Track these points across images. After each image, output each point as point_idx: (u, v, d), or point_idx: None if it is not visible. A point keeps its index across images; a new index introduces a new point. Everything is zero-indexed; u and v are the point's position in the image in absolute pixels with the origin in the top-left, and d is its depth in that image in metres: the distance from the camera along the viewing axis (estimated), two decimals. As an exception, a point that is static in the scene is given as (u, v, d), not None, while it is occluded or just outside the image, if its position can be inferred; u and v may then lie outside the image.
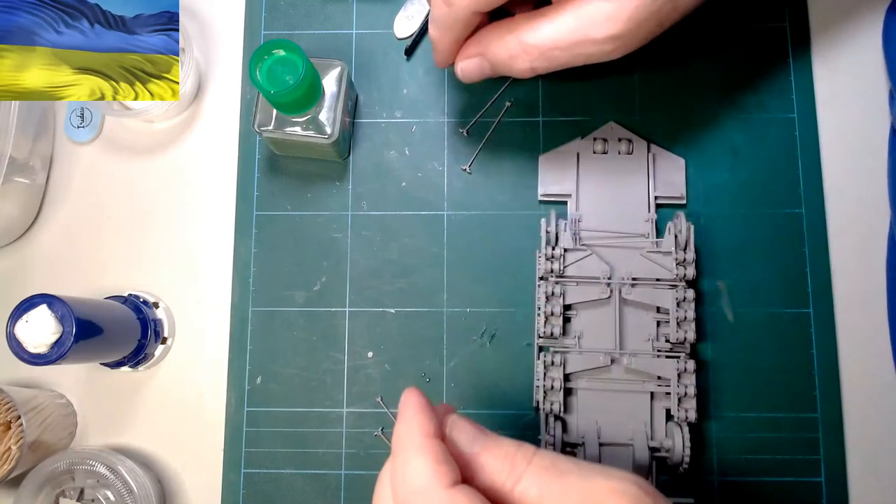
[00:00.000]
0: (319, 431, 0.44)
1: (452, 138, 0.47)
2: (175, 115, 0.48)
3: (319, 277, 0.46)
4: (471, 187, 0.46)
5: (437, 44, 0.40)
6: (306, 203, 0.47)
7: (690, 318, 0.41)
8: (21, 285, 0.47)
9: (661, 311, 0.42)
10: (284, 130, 0.43)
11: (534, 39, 0.36)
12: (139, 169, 0.48)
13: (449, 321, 0.45)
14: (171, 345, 0.46)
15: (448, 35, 0.39)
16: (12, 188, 0.45)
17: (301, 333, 0.45)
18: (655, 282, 0.42)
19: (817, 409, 0.43)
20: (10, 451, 0.41)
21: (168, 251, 0.47)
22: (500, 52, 0.37)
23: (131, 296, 0.45)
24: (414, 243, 0.46)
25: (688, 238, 0.42)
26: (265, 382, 0.45)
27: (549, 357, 0.41)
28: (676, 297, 0.41)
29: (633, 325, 0.42)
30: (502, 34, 0.37)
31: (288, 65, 0.40)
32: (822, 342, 0.43)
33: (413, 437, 0.26)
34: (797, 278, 0.44)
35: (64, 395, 0.46)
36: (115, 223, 0.47)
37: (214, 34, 0.49)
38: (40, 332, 0.37)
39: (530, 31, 0.36)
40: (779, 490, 0.42)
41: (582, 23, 0.35)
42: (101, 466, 0.41)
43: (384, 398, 0.44)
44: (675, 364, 0.41)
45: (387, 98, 0.48)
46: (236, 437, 0.44)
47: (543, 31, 0.36)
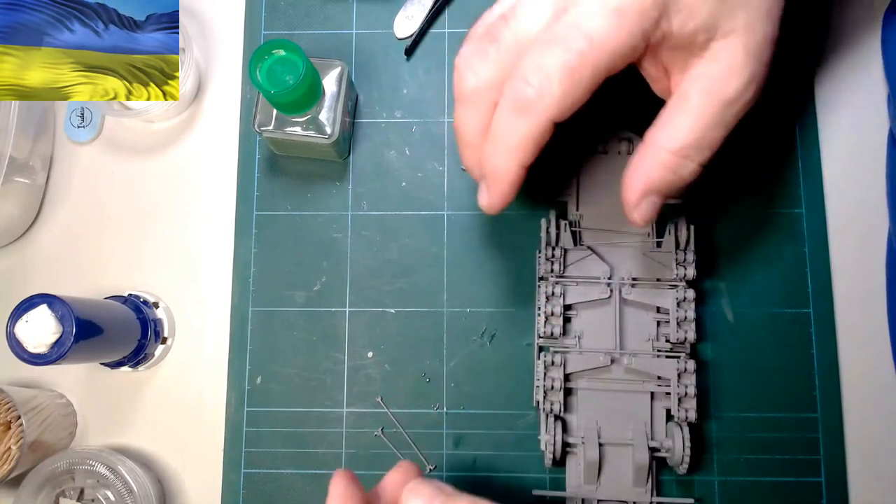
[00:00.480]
0: (319, 431, 0.44)
1: (452, 138, 0.47)
2: (175, 115, 0.48)
3: (319, 277, 0.46)
4: (471, 187, 0.46)
5: (497, 176, 0.33)
6: (306, 203, 0.47)
7: (690, 318, 0.41)
8: (21, 285, 0.47)
9: (662, 311, 0.42)
10: (284, 130, 0.43)
11: (680, 140, 0.32)
12: (139, 169, 0.48)
13: (449, 321, 0.45)
14: (171, 345, 0.46)
15: (516, 159, 0.32)
16: (12, 188, 0.45)
17: (301, 333, 0.45)
18: (656, 282, 0.42)
19: (817, 409, 0.43)
20: (10, 451, 0.41)
21: (168, 251, 0.47)
22: (658, 174, 0.33)
23: (131, 296, 0.45)
24: (414, 243, 0.46)
25: (688, 238, 0.42)
26: (265, 382, 0.45)
27: (549, 357, 0.41)
28: (676, 297, 0.41)
29: (633, 325, 0.42)
30: (644, 160, 0.33)
31: (288, 65, 0.40)
32: (822, 342, 0.43)
33: None
34: (797, 278, 0.44)
35: (64, 395, 0.46)
36: (115, 223, 0.47)
37: (214, 34, 0.49)
38: (40, 332, 0.37)
39: (670, 137, 0.32)
40: (779, 490, 0.42)
41: (711, 93, 0.32)
42: (101, 466, 0.41)
43: (384, 398, 0.44)
44: (676, 364, 0.41)
45: (387, 98, 0.48)
46: (236, 437, 0.44)
47: (682, 125, 0.32)
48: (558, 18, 0.31)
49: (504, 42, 0.32)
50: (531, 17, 0.32)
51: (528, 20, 0.32)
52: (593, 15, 0.30)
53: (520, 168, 0.33)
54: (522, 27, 0.32)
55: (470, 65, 0.32)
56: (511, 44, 0.32)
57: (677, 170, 0.33)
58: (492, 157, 0.33)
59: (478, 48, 0.32)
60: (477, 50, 0.32)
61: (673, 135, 0.32)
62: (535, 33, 0.31)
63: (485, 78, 0.32)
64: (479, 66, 0.32)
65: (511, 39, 0.32)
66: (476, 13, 0.47)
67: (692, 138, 0.32)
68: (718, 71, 0.32)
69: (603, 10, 0.30)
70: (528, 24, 0.32)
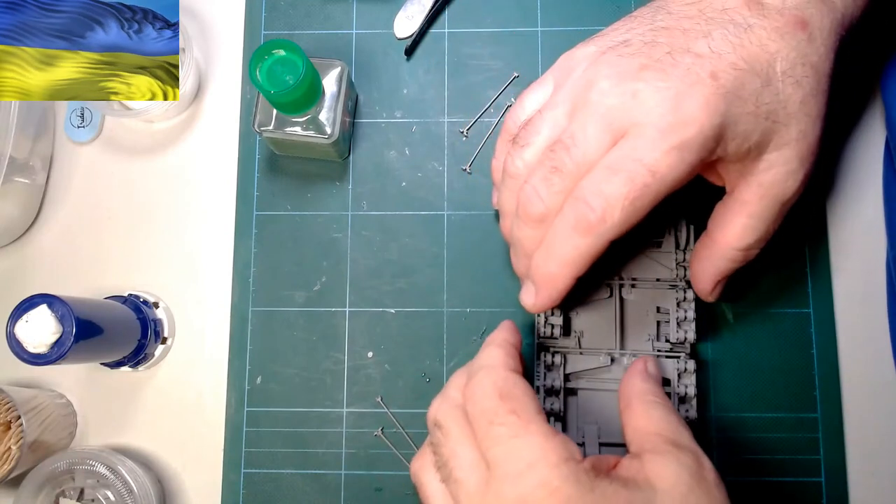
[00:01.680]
0: (319, 431, 0.44)
1: (452, 138, 0.47)
2: (175, 115, 0.48)
3: (319, 277, 0.46)
4: (471, 187, 0.46)
5: (549, 283, 0.35)
6: (306, 203, 0.47)
7: (691, 318, 0.41)
8: (21, 285, 0.47)
9: (662, 311, 0.42)
10: (284, 130, 0.43)
11: (747, 240, 0.36)
12: (139, 169, 0.48)
13: (449, 321, 0.45)
14: (171, 345, 0.46)
15: (570, 271, 0.35)
16: (12, 188, 0.45)
17: (301, 333, 0.45)
18: (656, 282, 0.42)
19: (817, 410, 0.43)
20: (10, 451, 0.41)
21: (168, 251, 0.47)
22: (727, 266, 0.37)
23: (131, 296, 0.45)
24: (414, 243, 0.46)
25: (688, 238, 0.42)
26: (265, 382, 0.45)
27: (549, 357, 0.41)
28: (677, 297, 0.41)
29: (633, 325, 0.42)
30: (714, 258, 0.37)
31: (288, 65, 0.40)
32: (822, 342, 0.43)
33: (496, 338, 0.35)
34: (797, 279, 0.44)
35: (64, 395, 0.46)
36: (115, 223, 0.47)
37: (214, 34, 0.49)
38: (40, 332, 0.37)
39: (737, 237, 0.36)
40: (779, 490, 0.42)
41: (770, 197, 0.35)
42: (101, 466, 0.41)
43: (384, 398, 0.44)
44: (676, 364, 0.41)
45: (387, 98, 0.48)
46: (236, 437, 0.44)
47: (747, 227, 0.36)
48: (616, 142, 0.33)
49: (567, 171, 0.34)
50: (591, 144, 0.33)
51: (588, 148, 0.33)
52: (656, 150, 0.32)
53: (571, 279, 0.35)
54: (582, 155, 0.33)
55: (537, 193, 0.34)
56: (574, 172, 0.34)
57: (743, 261, 0.37)
58: (545, 265, 0.35)
59: (543, 178, 0.34)
60: (543, 180, 0.34)
61: (739, 235, 0.36)
62: (595, 160, 0.33)
63: (551, 205, 0.34)
64: (545, 195, 0.34)
65: (573, 168, 0.34)
66: (476, 13, 0.48)
67: (756, 238, 0.36)
68: (775, 177, 0.34)
69: (666, 146, 0.32)
70: (588, 151, 0.33)
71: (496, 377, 0.32)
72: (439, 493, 0.32)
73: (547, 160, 0.34)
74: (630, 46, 0.34)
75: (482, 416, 0.31)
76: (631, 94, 0.33)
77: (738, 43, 0.33)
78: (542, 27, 0.48)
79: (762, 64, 0.33)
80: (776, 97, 0.33)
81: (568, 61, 0.37)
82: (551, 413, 0.40)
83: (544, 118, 0.36)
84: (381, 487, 0.44)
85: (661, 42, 0.34)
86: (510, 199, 0.37)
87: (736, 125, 0.33)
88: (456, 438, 0.31)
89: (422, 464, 0.33)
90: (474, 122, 0.47)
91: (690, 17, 0.34)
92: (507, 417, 0.30)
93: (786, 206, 0.36)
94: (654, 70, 0.33)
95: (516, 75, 0.47)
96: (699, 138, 0.32)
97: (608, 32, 0.36)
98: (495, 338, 0.35)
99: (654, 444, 0.32)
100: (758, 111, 0.33)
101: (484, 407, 0.31)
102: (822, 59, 0.34)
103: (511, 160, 0.36)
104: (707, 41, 0.33)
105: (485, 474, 0.30)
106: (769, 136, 0.34)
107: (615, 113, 0.33)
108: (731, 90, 0.32)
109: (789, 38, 0.33)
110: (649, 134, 0.32)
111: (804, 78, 0.33)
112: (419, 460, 0.34)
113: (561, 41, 0.47)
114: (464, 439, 0.31)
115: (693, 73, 0.32)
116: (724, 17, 0.34)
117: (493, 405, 0.31)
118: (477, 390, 0.32)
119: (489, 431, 0.30)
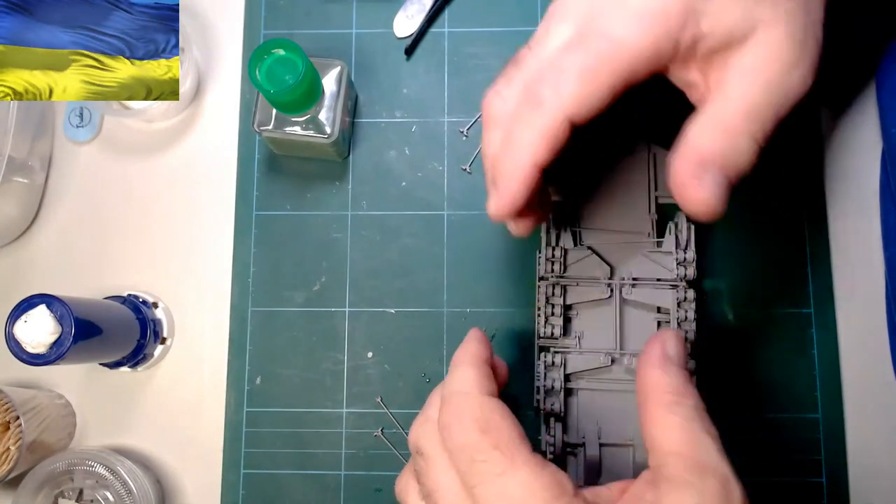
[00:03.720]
0: (319, 432, 0.44)
1: (452, 138, 0.47)
2: (174, 114, 0.48)
3: (319, 277, 0.46)
4: (471, 187, 0.46)
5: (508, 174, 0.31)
6: (306, 203, 0.47)
7: (691, 319, 0.41)
8: (20, 285, 0.47)
9: (662, 311, 0.42)
10: (284, 130, 0.43)
11: (729, 113, 0.30)
12: (138, 169, 0.48)
13: (449, 321, 0.45)
14: (170, 345, 0.46)
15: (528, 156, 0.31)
16: (11, 188, 0.45)
17: (301, 333, 0.45)
18: (656, 282, 0.42)
19: (818, 410, 0.43)
20: (9, 452, 0.41)
21: (168, 251, 0.47)
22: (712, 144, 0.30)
23: (130, 296, 0.45)
24: (414, 243, 0.46)
25: (688, 238, 0.42)
26: (265, 383, 0.45)
27: (549, 357, 0.41)
28: (677, 298, 0.41)
29: (633, 325, 0.42)
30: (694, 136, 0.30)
31: (288, 64, 0.40)
32: (823, 342, 0.43)
33: (466, 355, 0.32)
34: (797, 278, 0.44)
35: (63, 395, 0.46)
36: (115, 223, 0.47)
37: (214, 34, 0.49)
38: (39, 333, 0.37)
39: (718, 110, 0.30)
40: (779, 490, 0.42)
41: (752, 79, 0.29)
42: (100, 467, 0.41)
43: (384, 398, 0.44)
44: (676, 364, 0.40)
45: (387, 98, 0.47)
46: (236, 437, 0.44)
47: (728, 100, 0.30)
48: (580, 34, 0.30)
49: (527, 65, 0.31)
50: (553, 38, 0.31)
51: (550, 41, 0.31)
52: (615, 20, 0.30)
53: (532, 168, 0.31)
54: (545, 48, 0.31)
55: (496, 91, 0.32)
56: (534, 65, 0.31)
57: (734, 145, 0.30)
58: (504, 157, 0.32)
59: (503, 75, 0.32)
60: (503, 77, 0.32)
61: (721, 108, 0.30)
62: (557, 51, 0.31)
63: (510, 99, 0.32)
64: (504, 91, 0.32)
65: (534, 62, 0.31)
66: (476, 13, 0.48)
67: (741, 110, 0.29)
68: (758, 59, 0.29)
69: (625, 15, 0.29)
70: (550, 44, 0.31)
71: (472, 407, 0.30)
72: None
73: (511, 62, 0.32)
74: None
75: (462, 452, 0.29)
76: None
77: None
78: (542, 27, 0.47)
79: None
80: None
81: None
82: (551, 413, 0.40)
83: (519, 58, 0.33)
84: (381, 488, 0.44)
85: None
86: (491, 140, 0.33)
87: None
88: (440, 469, 0.29)
89: (406, 488, 0.32)
90: (474, 122, 0.47)
91: None
92: (490, 453, 0.28)
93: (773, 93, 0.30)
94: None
95: (516, 75, 0.47)
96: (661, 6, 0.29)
97: None
98: (464, 355, 0.32)
99: (673, 468, 0.27)
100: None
101: (464, 442, 0.29)
102: None
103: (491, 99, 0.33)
104: None
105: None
106: (751, 16, 0.29)
107: (579, 7, 0.31)
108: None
109: None
110: (609, 8, 0.30)
111: None
112: (403, 482, 0.32)
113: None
114: (448, 470, 0.29)
115: None
116: None
117: (474, 440, 0.28)
118: (454, 424, 0.29)
119: (472, 468, 0.28)
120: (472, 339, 0.34)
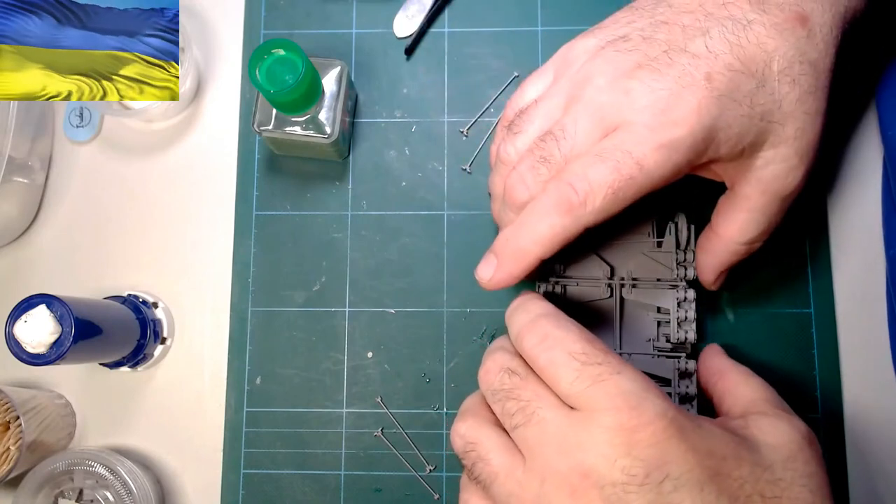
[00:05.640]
0: (319, 432, 0.44)
1: (452, 138, 0.47)
2: (174, 114, 0.48)
3: (319, 277, 0.46)
4: (471, 187, 0.46)
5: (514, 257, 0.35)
6: (306, 203, 0.47)
7: (691, 319, 0.41)
8: (20, 285, 0.47)
9: (662, 312, 0.41)
10: (284, 130, 0.43)
11: (749, 234, 0.37)
12: (138, 169, 0.48)
13: (449, 321, 0.45)
14: (170, 345, 0.46)
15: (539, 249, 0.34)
16: (11, 188, 0.45)
17: (301, 333, 0.45)
18: (656, 282, 0.42)
19: (818, 410, 0.43)
20: (9, 452, 0.41)
21: (167, 251, 0.47)
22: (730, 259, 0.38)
23: (130, 296, 0.45)
24: (414, 243, 0.46)
25: (688, 238, 0.42)
26: (265, 383, 0.45)
27: (549, 357, 0.41)
28: (677, 298, 0.41)
29: (633, 325, 0.42)
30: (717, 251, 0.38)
31: (288, 64, 0.39)
32: (823, 342, 0.43)
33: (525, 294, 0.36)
34: (798, 278, 0.44)
35: (63, 395, 0.46)
36: (115, 223, 0.47)
37: (214, 34, 0.49)
38: (39, 333, 0.37)
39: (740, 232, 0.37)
40: (779, 490, 0.42)
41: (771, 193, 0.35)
42: (100, 467, 0.41)
43: (384, 398, 0.44)
44: (676, 364, 0.41)
45: (387, 98, 0.47)
46: (236, 437, 0.44)
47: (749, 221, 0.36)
48: (606, 135, 0.33)
49: (555, 162, 0.34)
50: (581, 137, 0.33)
51: (577, 140, 0.34)
52: (644, 145, 0.32)
53: (537, 259, 0.34)
54: (571, 147, 0.34)
55: (523, 180, 0.34)
56: (561, 163, 0.34)
57: (746, 254, 0.38)
58: (514, 239, 0.34)
59: (531, 167, 0.34)
60: (530, 168, 0.34)
61: (741, 229, 0.36)
62: (583, 153, 0.33)
63: (535, 193, 0.34)
64: (531, 182, 0.34)
65: (561, 159, 0.34)
66: (476, 13, 0.48)
67: (758, 232, 0.36)
68: (774, 173, 0.34)
69: (655, 143, 0.32)
70: (577, 144, 0.33)
71: (569, 322, 0.32)
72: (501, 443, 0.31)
73: (536, 149, 0.34)
74: (629, 42, 0.34)
75: (571, 361, 0.30)
76: (624, 92, 0.33)
77: (735, 42, 0.33)
78: (542, 27, 0.47)
79: (759, 64, 0.33)
80: (771, 97, 0.33)
81: (568, 52, 0.37)
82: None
83: (539, 108, 0.36)
84: (381, 488, 0.44)
85: (660, 39, 0.34)
86: (500, 183, 0.37)
87: (729, 128, 0.33)
88: (536, 381, 0.31)
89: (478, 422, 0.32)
90: (474, 122, 0.47)
91: (691, 12, 0.34)
92: (603, 357, 0.30)
93: (787, 201, 0.36)
94: (650, 69, 0.33)
95: (516, 75, 0.47)
96: (688, 140, 0.32)
97: (609, 24, 0.36)
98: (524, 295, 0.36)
99: (763, 407, 0.33)
100: (752, 112, 0.33)
101: (573, 349, 0.30)
102: (822, 55, 0.34)
103: (504, 146, 0.36)
104: (705, 39, 0.33)
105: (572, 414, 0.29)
106: (764, 136, 0.34)
107: (607, 109, 0.33)
108: (726, 93, 0.32)
109: (788, 35, 0.33)
110: (639, 130, 0.32)
111: (801, 76, 0.33)
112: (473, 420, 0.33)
113: (561, 41, 0.47)
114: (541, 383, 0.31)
115: (688, 74, 0.32)
116: (723, 13, 0.34)
117: (588, 349, 0.30)
118: (558, 335, 0.31)
119: (584, 371, 0.30)
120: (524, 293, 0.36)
